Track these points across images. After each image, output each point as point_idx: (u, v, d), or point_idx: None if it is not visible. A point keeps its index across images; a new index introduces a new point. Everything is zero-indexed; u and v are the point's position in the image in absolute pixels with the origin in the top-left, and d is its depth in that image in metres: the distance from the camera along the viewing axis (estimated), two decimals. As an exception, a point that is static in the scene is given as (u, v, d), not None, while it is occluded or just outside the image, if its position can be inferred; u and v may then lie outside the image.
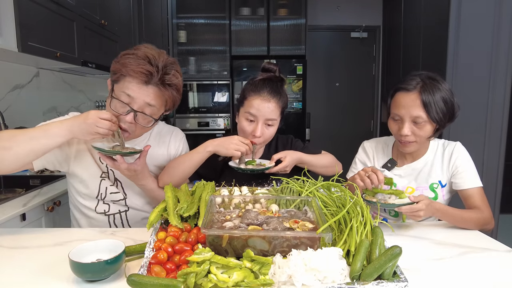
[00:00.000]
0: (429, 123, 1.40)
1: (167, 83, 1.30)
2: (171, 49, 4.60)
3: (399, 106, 1.43)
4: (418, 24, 3.83)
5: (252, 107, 1.47)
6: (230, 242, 0.92)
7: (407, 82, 1.43)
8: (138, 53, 1.27)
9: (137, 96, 1.27)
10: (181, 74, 1.39)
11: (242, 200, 1.16)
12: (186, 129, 4.57)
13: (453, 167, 1.49)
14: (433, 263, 1.07)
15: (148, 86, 1.27)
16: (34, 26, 2.10)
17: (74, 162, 1.44)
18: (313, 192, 1.18)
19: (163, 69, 1.28)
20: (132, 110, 1.29)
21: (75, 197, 1.50)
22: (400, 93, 1.45)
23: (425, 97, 1.37)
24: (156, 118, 1.36)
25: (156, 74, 1.26)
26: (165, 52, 1.34)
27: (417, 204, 1.24)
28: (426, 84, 1.40)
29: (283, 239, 0.91)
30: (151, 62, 1.26)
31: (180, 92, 1.39)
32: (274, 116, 1.49)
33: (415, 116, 1.40)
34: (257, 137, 1.48)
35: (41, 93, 2.88)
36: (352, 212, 1.04)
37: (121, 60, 1.28)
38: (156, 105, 1.32)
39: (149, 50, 1.29)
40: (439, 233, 1.32)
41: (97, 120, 1.21)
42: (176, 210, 1.06)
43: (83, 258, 0.96)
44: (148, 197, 1.51)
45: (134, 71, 1.24)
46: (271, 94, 1.48)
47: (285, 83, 1.57)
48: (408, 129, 1.42)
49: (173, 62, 1.34)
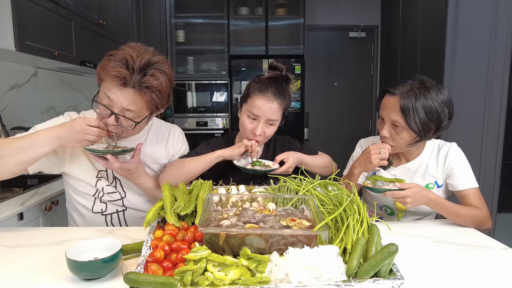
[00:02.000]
0: (406, 130, 1.40)
1: (145, 86, 1.24)
2: (169, 49, 4.60)
3: (383, 108, 1.47)
4: (416, 24, 3.83)
5: (255, 107, 1.48)
6: (227, 240, 0.92)
7: (395, 85, 1.44)
8: (117, 55, 1.24)
9: (115, 99, 1.25)
10: (169, 72, 1.31)
11: (240, 198, 1.16)
12: (184, 129, 4.46)
13: (448, 168, 1.49)
14: (429, 260, 1.07)
15: (124, 89, 1.24)
16: (32, 25, 2.10)
17: (69, 163, 1.45)
18: (310, 191, 1.18)
19: (140, 71, 1.23)
20: (112, 112, 1.27)
21: (72, 196, 1.50)
22: (386, 95, 1.46)
23: (404, 102, 1.36)
24: (138, 121, 1.31)
25: (130, 77, 1.22)
26: (151, 51, 1.29)
27: (402, 191, 1.27)
28: (412, 90, 1.38)
29: (280, 237, 0.92)
30: (127, 65, 1.22)
31: (164, 93, 1.31)
32: (276, 117, 1.50)
33: (393, 120, 1.41)
34: (257, 135, 1.49)
35: (39, 93, 2.87)
36: (349, 210, 1.05)
37: (102, 62, 1.27)
38: (135, 109, 1.27)
39: (130, 51, 1.24)
40: (436, 232, 1.33)
41: (85, 127, 1.22)
42: (173, 209, 1.07)
43: (80, 257, 0.96)
44: (148, 196, 1.51)
45: (109, 75, 1.22)
46: (275, 95, 1.48)
47: (291, 82, 1.58)
48: (386, 130, 1.45)
49: (158, 61, 1.28)
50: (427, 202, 1.33)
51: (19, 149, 1.21)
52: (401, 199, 1.28)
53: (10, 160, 1.21)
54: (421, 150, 1.55)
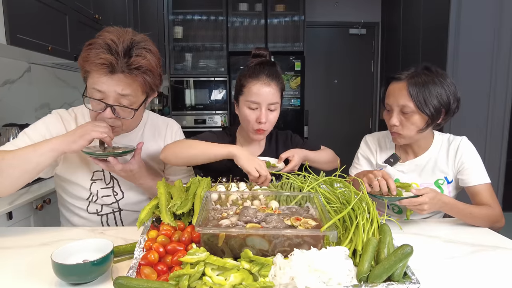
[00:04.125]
0: (417, 114, 1.34)
1: (134, 68, 1.16)
2: (167, 45, 4.53)
3: (389, 95, 1.41)
4: (418, 20, 3.78)
5: (253, 94, 1.42)
6: (226, 241, 0.85)
7: (400, 72, 1.41)
8: (97, 43, 1.16)
9: (107, 89, 1.17)
10: (154, 50, 1.24)
11: (240, 196, 1.09)
12: (182, 127, 4.45)
13: (458, 163, 1.42)
14: (444, 262, 1.00)
15: (114, 75, 1.16)
16: (24, 18, 2.02)
17: (62, 165, 1.37)
18: (315, 188, 1.11)
19: (126, 53, 1.16)
20: (108, 105, 1.20)
21: (64, 198, 1.43)
22: (392, 83, 1.42)
23: (412, 85, 1.33)
24: (136, 107, 1.25)
25: (117, 62, 1.14)
26: (130, 31, 1.22)
27: (420, 197, 1.18)
28: (418, 74, 1.35)
29: (284, 237, 0.84)
30: (110, 50, 1.14)
31: (156, 73, 1.24)
32: (276, 99, 1.45)
33: (402, 105, 1.35)
34: (263, 123, 1.43)
35: (33, 89, 2.80)
36: (357, 209, 0.98)
37: (83, 54, 1.18)
38: (131, 93, 1.20)
39: (109, 35, 1.17)
40: (447, 231, 1.26)
41: (93, 123, 1.20)
42: (169, 207, 0.99)
43: (68, 259, 0.89)
44: (149, 195, 1.45)
45: (94, 64, 1.14)
46: (270, 77, 1.43)
47: (278, 66, 1.51)
48: (396, 118, 1.38)
49: (141, 40, 1.20)
50: (442, 206, 1.26)
51: (22, 159, 1.14)
52: (418, 206, 1.19)
53: (13, 172, 1.13)
54: (430, 144, 1.48)
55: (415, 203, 1.18)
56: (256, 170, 1.25)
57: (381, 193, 1.24)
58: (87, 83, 1.22)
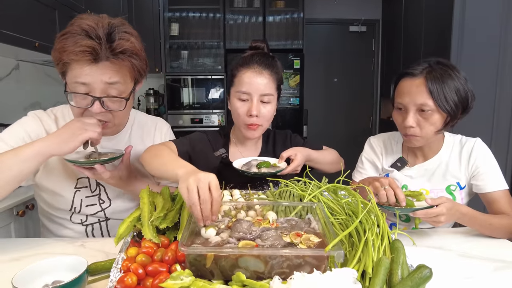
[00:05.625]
0: (438, 113, 1.22)
1: (120, 52, 1.06)
2: (162, 43, 4.41)
3: (403, 94, 1.27)
4: (420, 17, 3.67)
5: (244, 83, 1.30)
6: (216, 261, 0.73)
7: (413, 67, 1.27)
8: (73, 30, 1.04)
9: (92, 80, 1.05)
10: (135, 34, 1.13)
11: (233, 206, 0.97)
12: (178, 126, 4.39)
13: (473, 167, 1.31)
14: (463, 283, 0.88)
15: (99, 63, 1.04)
16: (9, 12, 1.93)
17: (41, 172, 1.24)
18: (318, 197, 0.99)
19: (107, 37, 1.05)
20: (95, 98, 1.08)
21: (43, 208, 1.31)
22: (404, 79, 1.28)
23: (431, 82, 1.20)
24: (127, 96, 1.13)
25: (100, 46, 1.02)
26: (106, 16, 1.11)
27: (436, 208, 1.06)
28: (434, 69, 1.23)
29: (282, 258, 0.73)
30: (90, 35, 1.03)
31: (141, 56, 1.14)
32: (269, 90, 1.32)
33: (421, 104, 1.22)
34: (254, 116, 1.30)
35: (21, 87, 2.70)
36: (365, 222, 0.86)
37: (57, 45, 1.05)
38: (120, 80, 1.09)
39: (85, 21, 1.05)
40: (463, 243, 1.14)
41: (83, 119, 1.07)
42: (151, 220, 0.87)
43: (34, 282, 0.78)
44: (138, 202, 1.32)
45: (74, 53, 1.01)
46: (262, 65, 1.31)
47: (276, 60, 1.39)
48: (412, 119, 1.25)
49: (120, 23, 1.09)
50: (459, 217, 1.14)
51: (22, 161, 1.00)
52: (434, 218, 1.07)
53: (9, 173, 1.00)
54: (440, 146, 1.37)
55: (431, 215, 1.05)
56: (186, 191, 0.85)
57: (389, 204, 1.13)
58: (66, 78, 1.10)
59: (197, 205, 0.82)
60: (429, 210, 1.05)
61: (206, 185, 0.84)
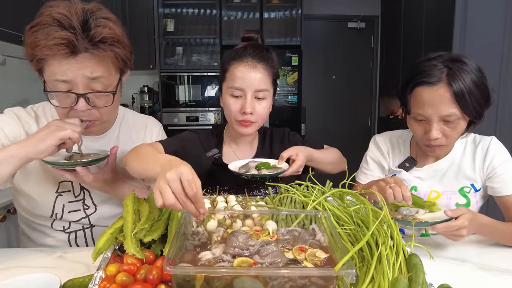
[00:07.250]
0: (463, 119, 1.11)
1: (99, 41, 0.95)
2: (157, 39, 4.31)
3: (424, 105, 1.12)
4: (420, 13, 3.59)
5: (236, 78, 1.20)
6: (208, 282, 0.63)
7: (427, 72, 1.12)
8: (43, 21, 0.92)
9: (73, 76, 0.95)
10: (114, 18, 1.02)
11: (228, 215, 0.87)
12: (174, 124, 4.29)
13: (488, 168, 1.21)
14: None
15: (77, 57, 0.94)
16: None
17: (19, 175, 1.14)
18: (322, 203, 0.89)
19: (83, 25, 0.94)
20: (79, 95, 0.98)
21: (23, 215, 1.21)
22: (421, 87, 1.13)
23: (456, 88, 1.07)
24: (113, 90, 1.03)
25: (76, 37, 0.91)
26: (78, 1, 0.99)
27: (457, 221, 0.95)
28: (453, 71, 1.08)
29: (284, 279, 0.62)
30: (63, 25, 0.91)
31: (124, 43, 1.02)
32: (264, 85, 1.22)
33: (446, 115, 1.10)
34: (248, 113, 1.20)
35: (8, 84, 2.60)
36: (377, 233, 0.76)
37: (28, 40, 0.94)
38: (103, 74, 0.99)
39: (55, 9, 0.94)
40: (481, 254, 1.05)
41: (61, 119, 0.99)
42: (135, 232, 0.77)
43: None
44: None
45: (48, 48, 0.90)
46: (256, 58, 1.21)
47: (271, 52, 1.29)
48: (437, 131, 1.12)
49: (95, 9, 0.98)
50: (479, 229, 1.05)
51: None
52: (455, 231, 0.96)
53: None
54: (452, 146, 1.27)
55: (452, 228, 0.95)
56: (159, 195, 0.75)
57: (397, 207, 1.03)
58: (44, 76, 1.00)
59: (177, 205, 0.74)
60: (451, 223, 0.95)
61: (179, 184, 0.74)
